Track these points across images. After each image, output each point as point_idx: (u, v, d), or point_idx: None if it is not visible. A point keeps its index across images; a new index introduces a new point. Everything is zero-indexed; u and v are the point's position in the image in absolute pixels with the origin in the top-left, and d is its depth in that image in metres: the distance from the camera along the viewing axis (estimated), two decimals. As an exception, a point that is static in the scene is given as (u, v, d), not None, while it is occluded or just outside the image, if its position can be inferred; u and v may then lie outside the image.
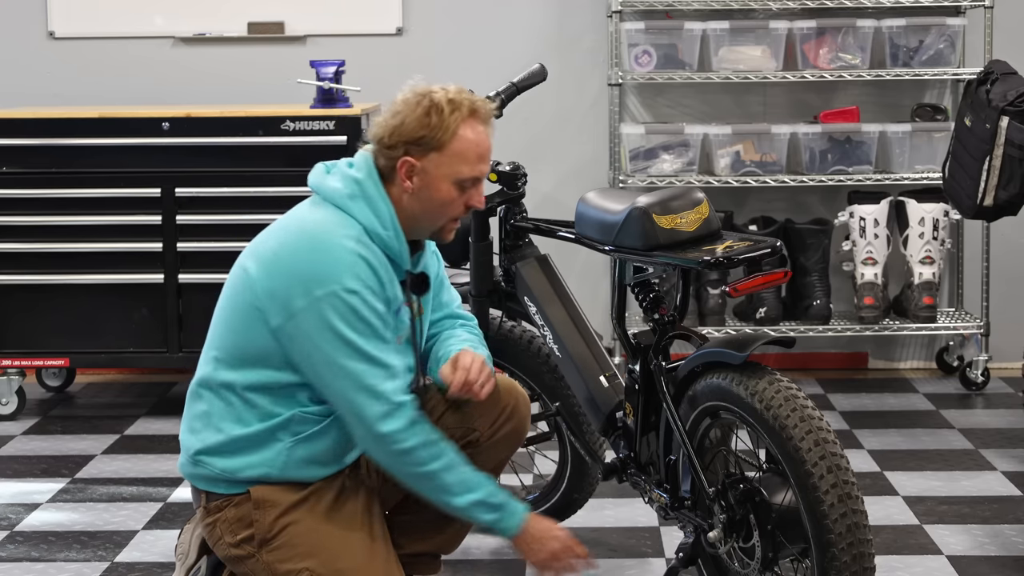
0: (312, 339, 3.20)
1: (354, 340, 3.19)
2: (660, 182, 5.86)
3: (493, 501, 3.30)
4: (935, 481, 4.81)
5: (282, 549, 3.29)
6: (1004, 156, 4.84)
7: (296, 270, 3.21)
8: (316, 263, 3.20)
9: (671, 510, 3.60)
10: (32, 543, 4.31)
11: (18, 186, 5.58)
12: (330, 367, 3.21)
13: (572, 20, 6.28)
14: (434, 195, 3.28)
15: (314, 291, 3.18)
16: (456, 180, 3.27)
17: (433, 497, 3.30)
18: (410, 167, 3.26)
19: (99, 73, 6.28)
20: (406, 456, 3.24)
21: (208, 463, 3.32)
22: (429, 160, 3.25)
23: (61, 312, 5.63)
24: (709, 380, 3.44)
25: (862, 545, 3.18)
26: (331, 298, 3.18)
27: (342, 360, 3.20)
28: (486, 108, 3.31)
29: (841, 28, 6.00)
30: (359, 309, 3.19)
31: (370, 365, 3.21)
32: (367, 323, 3.21)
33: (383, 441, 3.23)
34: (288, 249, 3.24)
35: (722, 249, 3.51)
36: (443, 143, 3.24)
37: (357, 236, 3.23)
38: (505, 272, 4.09)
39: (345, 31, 6.27)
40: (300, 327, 3.20)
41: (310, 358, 3.22)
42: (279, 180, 5.55)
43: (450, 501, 3.28)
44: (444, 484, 3.26)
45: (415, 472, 3.26)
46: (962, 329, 6.05)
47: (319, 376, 3.23)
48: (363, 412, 3.22)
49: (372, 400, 3.21)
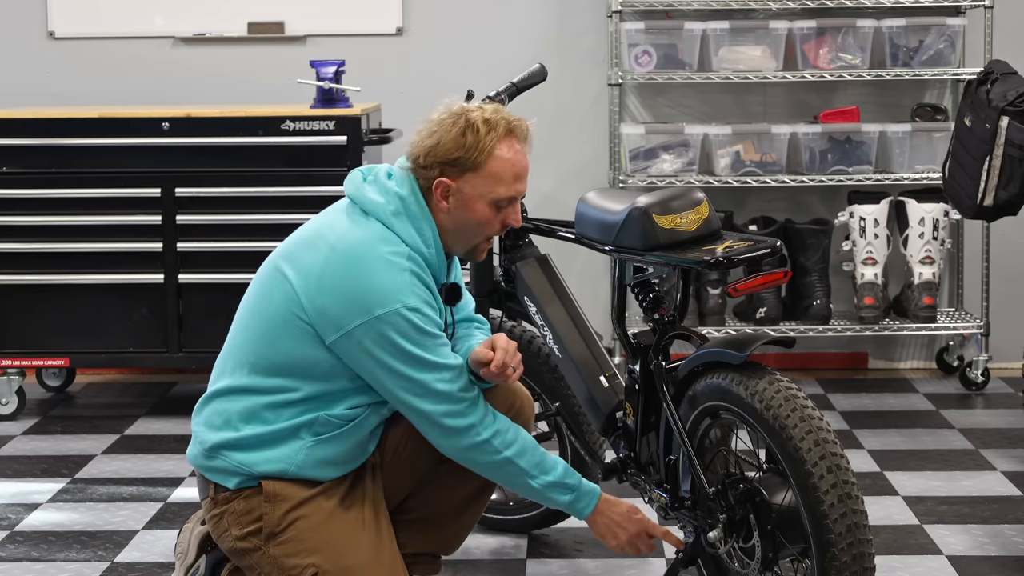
0: (373, 355, 3.22)
1: (418, 353, 3.22)
2: (660, 182, 5.86)
3: (569, 482, 3.37)
4: (935, 481, 4.81)
5: (290, 543, 3.30)
6: (1004, 156, 4.84)
7: (349, 288, 3.21)
8: (371, 282, 3.21)
9: (671, 510, 3.60)
10: (32, 543, 4.31)
11: (18, 186, 5.58)
12: (395, 378, 3.24)
13: (572, 20, 6.28)
14: (470, 216, 3.29)
15: (374, 311, 3.20)
16: (492, 200, 3.29)
17: (510, 483, 3.36)
18: (446, 188, 3.27)
19: (99, 73, 6.27)
20: (482, 447, 3.29)
21: (226, 455, 3.32)
22: (465, 181, 3.27)
23: (61, 312, 5.62)
24: (709, 380, 3.44)
25: (862, 545, 3.18)
26: (392, 316, 3.20)
27: (408, 372, 3.23)
28: (522, 127, 3.32)
29: (841, 28, 6.00)
30: (420, 324, 3.23)
31: (436, 371, 3.24)
32: (430, 334, 3.24)
33: (459, 437, 3.28)
34: (335, 266, 3.24)
35: (722, 249, 3.51)
36: (479, 164, 3.25)
37: (406, 254, 3.25)
38: (505, 272, 4.09)
39: (345, 31, 6.27)
40: (360, 343, 3.22)
41: (372, 372, 3.24)
42: (279, 180, 5.55)
43: (528, 483, 3.34)
44: (520, 469, 3.32)
45: (492, 460, 3.31)
46: (962, 329, 6.05)
47: (383, 387, 3.26)
48: (434, 415, 3.26)
49: (443, 402, 3.25)
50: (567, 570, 4.06)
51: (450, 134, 3.25)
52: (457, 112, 3.28)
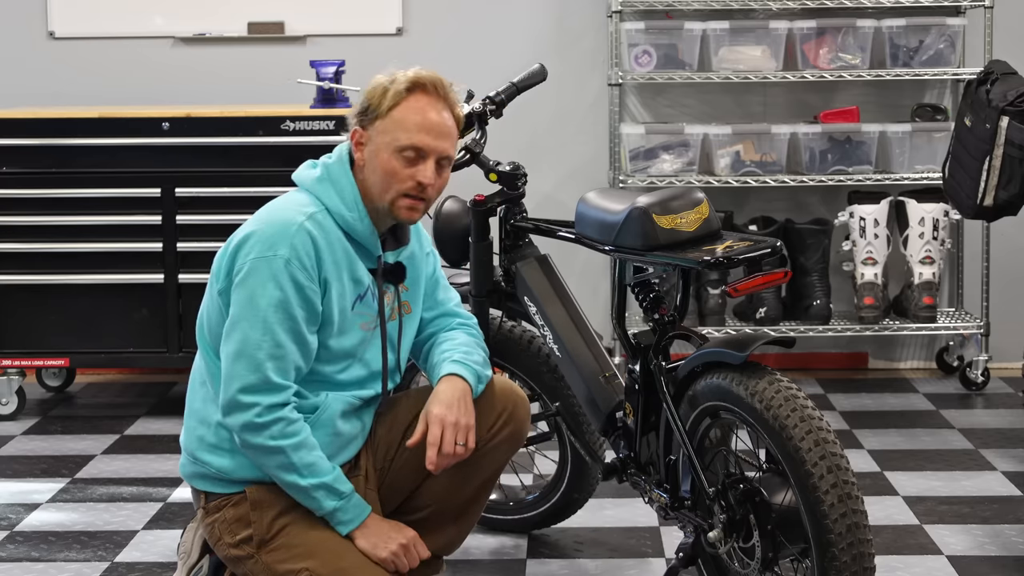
0: (235, 299, 3.23)
1: (262, 307, 3.20)
2: (660, 182, 5.86)
3: (339, 488, 3.28)
4: (935, 481, 4.81)
5: (281, 550, 3.29)
6: (1004, 156, 4.84)
7: (244, 238, 3.27)
8: (263, 233, 3.25)
9: (671, 510, 3.60)
10: (32, 543, 4.31)
11: (18, 186, 5.58)
12: (234, 325, 3.23)
13: (572, 20, 6.28)
14: (379, 165, 3.30)
15: (250, 254, 3.23)
16: (396, 148, 3.28)
17: (278, 475, 3.26)
18: (360, 137, 3.32)
19: (99, 73, 6.27)
20: (261, 428, 3.21)
21: (205, 461, 3.33)
22: (374, 128, 3.30)
23: (61, 312, 5.63)
24: (709, 380, 3.44)
25: (862, 545, 3.18)
26: (257, 261, 3.22)
27: (244, 324, 3.21)
28: (439, 84, 3.34)
29: (841, 28, 6.00)
30: (279, 276, 3.20)
31: (265, 336, 3.20)
32: (283, 292, 3.20)
33: (240, 410, 3.21)
34: (243, 227, 3.31)
35: (722, 249, 3.51)
36: (385, 111, 3.29)
37: (311, 214, 3.27)
38: (505, 272, 4.09)
39: (345, 31, 6.27)
40: (234, 290, 3.24)
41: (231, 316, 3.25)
42: (279, 180, 5.49)
43: (295, 481, 3.25)
44: (290, 463, 3.23)
45: (263, 446, 3.22)
46: (962, 329, 6.05)
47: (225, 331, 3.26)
48: (235, 376, 3.21)
49: (249, 371, 3.21)
50: (567, 570, 4.06)
51: (371, 88, 3.33)
52: (386, 73, 3.35)
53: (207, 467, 3.33)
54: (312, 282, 3.24)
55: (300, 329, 3.24)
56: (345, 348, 3.33)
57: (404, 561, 3.31)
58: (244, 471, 3.31)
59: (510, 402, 3.48)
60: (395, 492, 3.46)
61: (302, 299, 3.23)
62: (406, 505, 3.48)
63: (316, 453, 3.26)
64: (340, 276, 3.29)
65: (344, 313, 3.30)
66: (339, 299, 3.29)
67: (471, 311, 3.99)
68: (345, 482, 3.30)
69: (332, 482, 3.27)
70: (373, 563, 3.29)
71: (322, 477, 3.26)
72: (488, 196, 4.04)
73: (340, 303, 3.29)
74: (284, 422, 3.22)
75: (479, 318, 4.03)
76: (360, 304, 3.32)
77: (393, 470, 3.45)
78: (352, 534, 3.30)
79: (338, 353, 3.32)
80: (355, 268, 3.31)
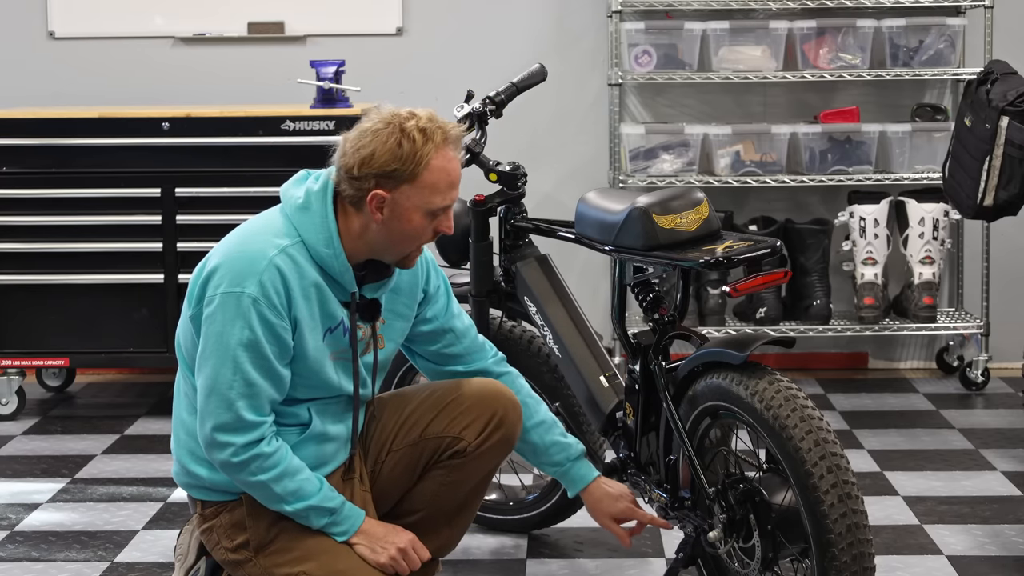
0: (205, 332, 3.19)
1: (232, 346, 3.15)
2: (660, 182, 5.86)
3: (328, 506, 3.26)
4: (935, 481, 4.81)
5: (278, 554, 3.29)
6: (1004, 156, 4.84)
7: (214, 269, 3.21)
8: (234, 265, 3.18)
9: (671, 510, 3.60)
10: (32, 543, 4.31)
11: (18, 186, 5.58)
12: (205, 360, 3.19)
13: (572, 20, 6.28)
14: (405, 227, 3.21)
15: (219, 287, 3.17)
16: (428, 211, 3.21)
17: (265, 503, 3.25)
18: (380, 200, 3.19)
19: (99, 73, 6.28)
20: (239, 467, 3.20)
21: (196, 473, 3.32)
22: (400, 192, 3.18)
23: (61, 312, 5.62)
24: (709, 380, 3.44)
25: (862, 545, 3.18)
26: (226, 297, 3.16)
27: (215, 360, 3.17)
28: (456, 133, 3.23)
29: (841, 28, 6.00)
30: (247, 315, 3.15)
31: (235, 376, 3.16)
32: (252, 331, 3.15)
33: (218, 449, 3.20)
34: (217, 249, 3.25)
35: (722, 249, 3.51)
36: (416, 175, 3.17)
37: (284, 247, 3.20)
38: (505, 272, 4.09)
39: (345, 31, 6.27)
40: (204, 321, 3.20)
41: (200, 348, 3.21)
42: (279, 180, 5.40)
43: (282, 508, 3.24)
44: (274, 493, 3.22)
45: (245, 481, 3.22)
46: (962, 329, 6.05)
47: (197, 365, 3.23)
48: (208, 414, 3.19)
49: (222, 409, 3.18)
50: (567, 570, 4.06)
51: (386, 145, 3.15)
52: (390, 120, 3.17)
53: (199, 479, 3.33)
54: (282, 319, 3.18)
55: (271, 366, 3.19)
56: (319, 376, 3.29)
57: (404, 564, 3.30)
58: (235, 484, 3.30)
59: (501, 406, 3.45)
60: (386, 495, 3.45)
61: (272, 336, 3.18)
62: (398, 509, 3.47)
63: (300, 477, 3.23)
64: (312, 311, 3.23)
65: (317, 344, 3.26)
66: (311, 334, 3.24)
67: (471, 311, 3.99)
68: (333, 497, 3.27)
69: (319, 502, 3.25)
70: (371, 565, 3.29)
71: (308, 500, 3.23)
72: (488, 196, 4.04)
73: (313, 337, 3.25)
74: (261, 458, 3.19)
75: (479, 318, 4.03)
76: (331, 336, 3.27)
77: (383, 472, 3.45)
78: (350, 541, 3.29)
79: (313, 381, 3.29)
80: (327, 302, 3.25)
